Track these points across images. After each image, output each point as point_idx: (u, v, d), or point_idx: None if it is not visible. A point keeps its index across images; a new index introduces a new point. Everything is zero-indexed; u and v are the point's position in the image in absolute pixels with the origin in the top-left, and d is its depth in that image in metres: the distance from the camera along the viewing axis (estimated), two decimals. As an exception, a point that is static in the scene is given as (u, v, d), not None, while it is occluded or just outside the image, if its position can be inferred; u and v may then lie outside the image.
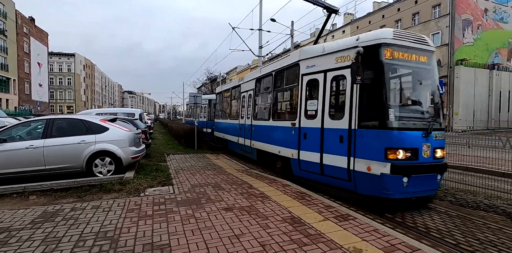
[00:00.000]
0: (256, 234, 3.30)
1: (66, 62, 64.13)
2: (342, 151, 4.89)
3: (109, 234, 3.31)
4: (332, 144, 5.15)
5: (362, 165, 4.55)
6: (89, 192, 5.17)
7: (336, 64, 5.17)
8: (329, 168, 5.20)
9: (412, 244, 3.07)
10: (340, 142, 4.95)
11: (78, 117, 6.62)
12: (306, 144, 5.75)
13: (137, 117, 12.03)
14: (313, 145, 5.55)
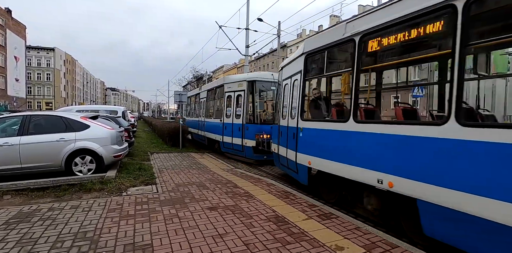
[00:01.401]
0: (240, 233, 3.30)
1: (45, 56, 61.67)
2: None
3: (88, 234, 3.22)
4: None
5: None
6: (68, 191, 4.99)
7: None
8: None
9: (392, 241, 3.16)
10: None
11: (57, 114, 6.38)
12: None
13: (120, 115, 11.74)
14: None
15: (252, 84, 9.19)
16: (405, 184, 3.13)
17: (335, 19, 44.03)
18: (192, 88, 68.56)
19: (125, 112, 13.75)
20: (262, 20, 19.09)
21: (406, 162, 3.14)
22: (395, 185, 3.25)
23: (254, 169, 8.21)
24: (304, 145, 5.17)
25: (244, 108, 9.11)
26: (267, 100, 10.09)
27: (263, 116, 9.37)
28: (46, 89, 62.24)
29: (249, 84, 9.21)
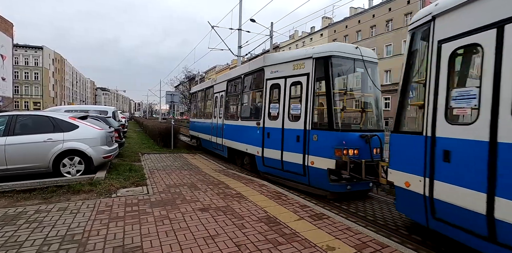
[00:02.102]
0: (231, 235, 3.29)
1: (33, 55, 60.35)
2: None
3: (76, 237, 3.15)
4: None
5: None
6: (55, 193, 4.89)
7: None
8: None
9: (382, 241, 3.20)
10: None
11: (45, 113, 6.23)
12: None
13: (110, 115, 11.57)
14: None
15: (325, 63, 5.41)
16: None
17: (327, 21, 44.43)
18: (184, 89, 68.22)
19: (116, 112, 13.55)
20: (254, 21, 19.12)
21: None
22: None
23: (246, 170, 8.19)
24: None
25: (308, 104, 5.51)
26: (349, 90, 6.01)
27: (343, 117, 5.62)
28: (34, 88, 60.90)
29: (318, 64, 5.50)
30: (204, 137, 11.41)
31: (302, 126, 5.60)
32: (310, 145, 5.45)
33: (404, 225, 4.23)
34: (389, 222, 4.35)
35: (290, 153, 5.86)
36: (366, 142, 5.15)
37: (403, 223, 4.31)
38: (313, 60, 5.56)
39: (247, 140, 7.39)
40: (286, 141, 5.98)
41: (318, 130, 5.48)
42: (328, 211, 4.27)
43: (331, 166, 5.03)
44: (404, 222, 4.35)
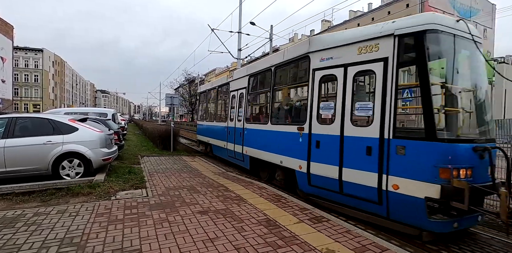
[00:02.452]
0: (231, 238, 3.28)
1: (33, 57, 60.52)
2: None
3: (75, 240, 3.14)
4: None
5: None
6: (54, 196, 4.87)
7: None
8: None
9: (382, 244, 3.19)
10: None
11: (45, 116, 6.24)
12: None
13: (109, 118, 11.57)
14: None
15: (417, 41, 3.74)
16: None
17: (327, 24, 44.65)
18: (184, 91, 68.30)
19: (115, 115, 13.56)
20: (254, 24, 19.22)
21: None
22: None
23: (246, 173, 8.18)
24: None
25: (387, 102, 3.91)
26: (451, 82, 3.94)
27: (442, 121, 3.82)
28: (34, 90, 61.00)
29: (405, 43, 3.89)
30: (217, 144, 9.69)
31: (376, 134, 3.93)
32: (391, 161, 3.76)
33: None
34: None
35: (355, 171, 4.17)
36: (481, 158, 3.60)
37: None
38: (394, 38, 3.86)
39: (282, 150, 5.70)
40: (347, 154, 4.32)
41: (407, 139, 3.68)
42: (328, 214, 4.26)
43: (433, 194, 3.34)
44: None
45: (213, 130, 10.29)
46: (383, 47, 4.02)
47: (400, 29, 3.85)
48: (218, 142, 9.56)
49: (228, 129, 8.68)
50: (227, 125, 8.76)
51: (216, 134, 9.86)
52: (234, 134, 8.16)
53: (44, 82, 61.40)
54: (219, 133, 9.53)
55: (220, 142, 9.31)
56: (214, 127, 10.31)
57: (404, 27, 3.84)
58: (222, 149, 9.18)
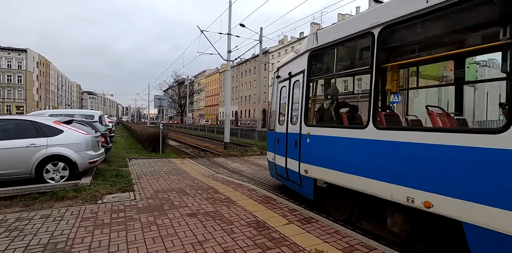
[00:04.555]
0: (220, 240, 3.26)
1: (17, 58, 58.85)
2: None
3: (59, 245, 3.05)
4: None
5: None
6: (38, 200, 4.73)
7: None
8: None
9: (370, 244, 3.23)
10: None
11: (28, 118, 6.06)
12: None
13: (96, 120, 11.34)
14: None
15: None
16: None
17: (316, 27, 45.20)
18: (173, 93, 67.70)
19: (102, 117, 13.30)
20: (244, 25, 19.28)
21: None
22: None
23: (236, 175, 8.16)
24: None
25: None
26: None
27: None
28: (17, 92, 59.25)
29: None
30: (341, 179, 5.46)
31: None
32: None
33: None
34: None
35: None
36: None
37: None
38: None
39: (423, 179, 2.88)
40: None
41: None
42: (317, 214, 4.29)
43: None
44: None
45: (334, 149, 6.10)
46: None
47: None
48: (271, 156, 6.51)
49: (276, 135, 6.06)
50: (276, 130, 6.13)
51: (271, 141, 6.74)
52: (285, 142, 5.48)
53: (28, 83, 59.73)
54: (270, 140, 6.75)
55: (270, 155, 6.56)
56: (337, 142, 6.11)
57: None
58: (277, 165, 6.10)
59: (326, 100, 4.90)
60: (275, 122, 6.30)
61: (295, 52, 5.31)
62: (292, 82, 5.44)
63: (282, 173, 5.77)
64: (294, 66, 5.39)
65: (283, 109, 5.95)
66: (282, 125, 5.75)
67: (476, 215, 2.43)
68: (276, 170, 6.10)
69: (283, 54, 51.39)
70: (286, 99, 5.70)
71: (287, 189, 6.07)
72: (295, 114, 5.19)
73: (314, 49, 4.63)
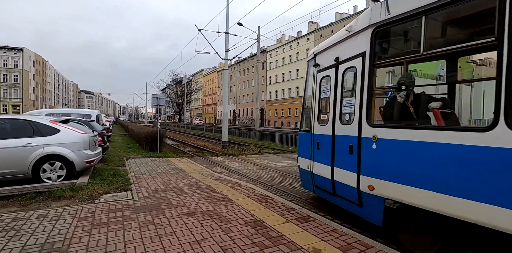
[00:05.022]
0: (218, 239, 3.26)
1: (13, 57, 58.40)
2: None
3: (57, 245, 3.05)
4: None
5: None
6: (35, 200, 4.71)
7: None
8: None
9: (367, 242, 3.25)
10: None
11: (24, 117, 6.03)
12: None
13: (93, 119, 11.30)
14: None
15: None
16: None
17: (314, 26, 45.20)
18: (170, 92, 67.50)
19: (99, 116, 13.25)
20: (242, 24, 19.25)
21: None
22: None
23: (233, 173, 8.16)
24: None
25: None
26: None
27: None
28: (13, 91, 58.84)
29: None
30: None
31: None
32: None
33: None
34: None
35: None
36: None
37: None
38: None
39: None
40: None
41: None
42: (315, 213, 4.31)
43: None
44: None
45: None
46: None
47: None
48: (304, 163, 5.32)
49: (314, 138, 4.88)
50: (314, 131, 4.93)
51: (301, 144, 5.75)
52: (331, 147, 4.31)
53: (24, 82, 59.33)
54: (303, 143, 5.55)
55: (304, 161, 5.29)
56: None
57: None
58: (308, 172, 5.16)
59: (398, 92, 3.54)
60: (311, 122, 4.98)
61: (348, 30, 4.01)
62: (342, 69, 4.18)
63: (324, 186, 4.53)
64: (344, 48, 4.13)
65: (325, 105, 4.82)
66: (325, 125, 4.53)
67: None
68: (314, 181, 4.90)
69: (281, 53, 51.38)
70: (330, 92, 4.43)
71: (327, 203, 5.02)
72: (348, 110, 3.94)
73: (382, 22, 3.38)
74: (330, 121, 4.40)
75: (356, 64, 3.80)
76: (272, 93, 54.92)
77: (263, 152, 13.46)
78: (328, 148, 4.37)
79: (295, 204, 4.74)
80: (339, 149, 4.13)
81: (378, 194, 3.39)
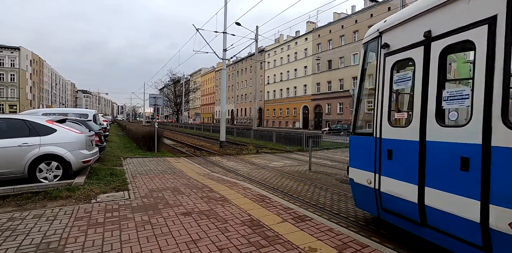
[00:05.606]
0: (214, 238, 3.26)
1: (9, 56, 58.02)
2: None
3: (52, 245, 3.04)
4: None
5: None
6: (31, 200, 4.69)
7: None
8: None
9: (362, 241, 3.26)
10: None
11: (20, 117, 6.00)
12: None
13: (90, 118, 11.26)
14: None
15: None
16: None
17: (312, 25, 45.22)
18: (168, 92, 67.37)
19: (97, 116, 13.21)
20: (240, 24, 19.24)
21: None
22: None
23: (231, 173, 8.16)
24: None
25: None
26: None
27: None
28: (10, 90, 58.48)
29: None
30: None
31: None
32: None
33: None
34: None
35: None
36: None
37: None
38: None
39: None
40: None
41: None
42: (311, 213, 4.32)
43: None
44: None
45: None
46: None
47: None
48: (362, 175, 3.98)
49: (383, 144, 3.58)
50: (382, 135, 3.61)
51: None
52: (417, 159, 3.11)
53: (21, 81, 58.98)
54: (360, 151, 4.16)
55: (361, 174, 3.99)
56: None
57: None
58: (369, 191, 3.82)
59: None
60: (376, 122, 3.64)
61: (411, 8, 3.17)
62: (438, 48, 2.92)
63: (403, 211, 3.26)
64: (444, 17, 2.88)
65: (401, 100, 3.92)
66: (403, 127, 3.33)
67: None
68: (381, 202, 3.57)
69: (279, 52, 51.38)
70: (413, 81, 3.20)
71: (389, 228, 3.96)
72: (457, 106, 2.79)
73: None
74: (415, 122, 3.14)
75: (474, 37, 2.60)
76: (270, 93, 54.94)
77: (260, 152, 13.47)
78: (411, 159, 3.13)
79: (292, 204, 4.76)
80: (435, 161, 2.91)
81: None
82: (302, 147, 14.82)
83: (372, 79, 3.92)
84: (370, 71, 4.15)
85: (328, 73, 40.19)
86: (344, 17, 38.12)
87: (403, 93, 3.90)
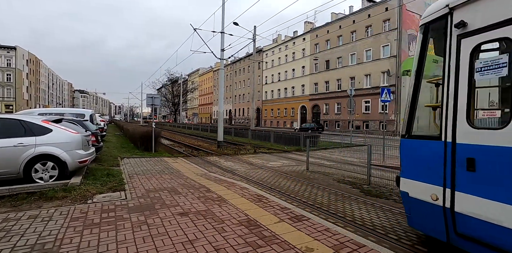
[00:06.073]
0: (211, 239, 3.25)
1: (6, 55, 57.61)
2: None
3: (47, 246, 3.01)
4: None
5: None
6: (26, 200, 4.65)
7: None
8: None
9: (359, 241, 3.27)
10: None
11: (15, 117, 5.95)
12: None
13: (87, 118, 11.21)
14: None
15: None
16: None
17: (310, 26, 45.28)
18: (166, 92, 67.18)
19: (93, 116, 13.14)
20: (237, 24, 19.22)
21: None
22: None
23: (228, 173, 8.15)
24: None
25: None
26: None
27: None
28: (6, 90, 58.07)
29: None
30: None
31: None
32: None
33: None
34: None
35: None
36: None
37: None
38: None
39: None
40: None
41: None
42: (308, 212, 4.32)
43: None
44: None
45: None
46: None
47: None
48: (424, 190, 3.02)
49: (458, 151, 2.69)
50: (455, 139, 2.72)
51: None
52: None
53: (18, 81, 58.59)
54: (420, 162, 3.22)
55: (420, 187, 3.08)
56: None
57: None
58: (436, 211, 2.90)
59: None
60: (445, 122, 2.82)
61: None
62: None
63: (497, 241, 2.37)
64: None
65: (490, 94, 3.26)
66: (496, 130, 2.50)
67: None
68: (454, 225, 2.74)
69: (277, 52, 51.40)
70: (508, 68, 2.42)
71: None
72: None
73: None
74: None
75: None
76: (268, 93, 54.93)
77: (258, 152, 13.46)
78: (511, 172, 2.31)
79: (289, 204, 4.75)
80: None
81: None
82: (300, 147, 14.84)
83: (435, 68, 3.17)
84: (431, 58, 3.32)
85: (326, 73, 40.26)
86: (342, 17, 38.20)
87: (488, 86, 3.02)
